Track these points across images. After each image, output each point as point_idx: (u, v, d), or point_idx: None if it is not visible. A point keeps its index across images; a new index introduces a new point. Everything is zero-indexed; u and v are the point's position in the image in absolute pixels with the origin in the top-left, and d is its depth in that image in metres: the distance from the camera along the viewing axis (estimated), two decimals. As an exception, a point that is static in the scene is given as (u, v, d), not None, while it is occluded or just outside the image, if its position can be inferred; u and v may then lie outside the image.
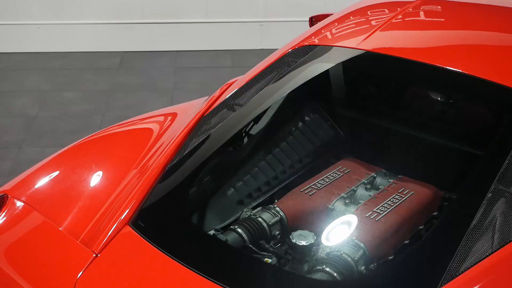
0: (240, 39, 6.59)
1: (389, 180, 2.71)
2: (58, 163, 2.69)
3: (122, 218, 2.29)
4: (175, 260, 2.09)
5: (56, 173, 2.64)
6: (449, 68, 2.61)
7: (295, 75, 2.94)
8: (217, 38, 6.58)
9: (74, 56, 6.48)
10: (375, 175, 2.75)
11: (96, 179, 2.59)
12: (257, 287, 2.03)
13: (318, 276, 2.12)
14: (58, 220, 2.37)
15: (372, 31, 2.95)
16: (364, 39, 2.93)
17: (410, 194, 2.58)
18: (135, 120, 3.01)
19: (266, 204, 2.60)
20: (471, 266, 1.97)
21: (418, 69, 2.72)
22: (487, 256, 2.00)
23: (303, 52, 2.97)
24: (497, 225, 2.09)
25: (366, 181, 2.69)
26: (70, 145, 2.80)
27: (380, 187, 2.68)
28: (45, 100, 5.62)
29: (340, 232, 2.43)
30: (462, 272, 1.96)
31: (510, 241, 2.04)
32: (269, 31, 6.59)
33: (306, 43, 3.01)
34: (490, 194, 2.13)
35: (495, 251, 2.02)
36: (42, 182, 2.60)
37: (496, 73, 2.59)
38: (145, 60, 6.39)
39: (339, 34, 3.09)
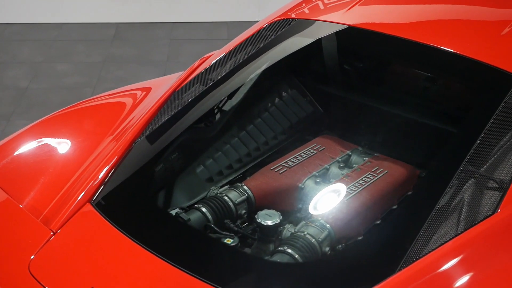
0: (237, 10, 6.49)
1: (364, 158, 2.64)
2: (26, 137, 2.64)
3: (82, 195, 2.23)
4: (132, 240, 2.04)
5: (24, 148, 2.59)
6: (430, 44, 2.54)
7: (273, 50, 2.87)
8: (214, 10, 6.48)
9: (69, 27, 6.40)
10: (350, 153, 2.68)
11: (63, 154, 2.54)
12: (212, 268, 1.97)
13: (278, 257, 2.06)
14: (20, 197, 2.31)
15: (352, 4, 2.87)
16: (344, 12, 2.85)
17: (384, 173, 2.51)
18: (108, 95, 2.96)
19: (237, 182, 2.54)
20: (433, 249, 1.91)
21: (399, 45, 2.65)
22: (450, 239, 1.94)
23: (281, 26, 2.89)
24: (463, 207, 2.03)
25: (340, 159, 2.63)
26: (40, 119, 2.75)
27: (354, 165, 2.61)
28: (37, 72, 5.57)
29: (307, 212, 2.38)
30: (424, 255, 1.90)
31: (474, 224, 1.97)
32: (267, 2, 6.47)
33: (284, 17, 2.93)
34: (458, 175, 2.06)
35: (460, 234, 1.95)
36: (9, 157, 2.55)
37: (477, 50, 2.51)
38: (140, 32, 6.31)
39: (320, 7, 3.00)
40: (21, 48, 6.00)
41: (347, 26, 2.76)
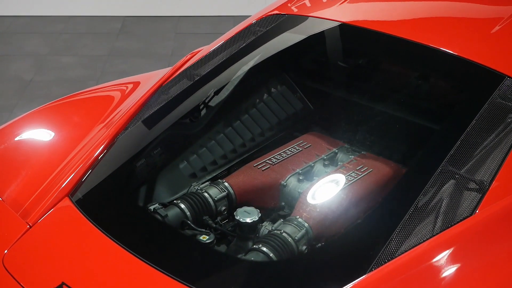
0: (243, 4, 6.46)
1: (351, 156, 2.61)
2: (12, 130, 2.65)
3: (61, 189, 2.23)
4: (107, 236, 2.04)
5: (9, 140, 2.60)
6: (420, 42, 2.51)
7: (262, 45, 2.85)
8: (220, 4, 6.46)
9: (76, 21, 6.42)
10: (336, 150, 2.65)
11: (48, 147, 2.55)
12: (183, 265, 1.96)
13: (252, 255, 2.04)
14: (3, 189, 2.32)
15: (342, 0, 2.84)
16: (334, 9, 2.83)
17: (369, 171, 2.48)
18: (96, 89, 2.96)
19: (220, 179, 2.52)
20: (407, 251, 1.89)
21: (389, 42, 2.62)
22: (425, 240, 1.91)
23: (271, 22, 2.87)
24: (441, 208, 2.00)
25: (325, 157, 2.60)
26: (27, 112, 2.75)
27: (339, 163, 2.58)
28: (42, 64, 5.59)
29: (286, 210, 2.36)
30: (397, 256, 1.87)
31: (451, 225, 1.94)
32: (273, -3, 6.44)
33: (274, 12, 2.91)
34: (437, 175, 2.04)
35: (435, 235, 1.93)
36: (-6, 150, 2.55)
37: (466, 48, 2.47)
38: (146, 26, 6.31)
39: (310, 2, 2.98)
40: (27, 41, 6.02)
41: (337, 22, 2.74)
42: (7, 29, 6.25)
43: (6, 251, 2.04)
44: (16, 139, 2.60)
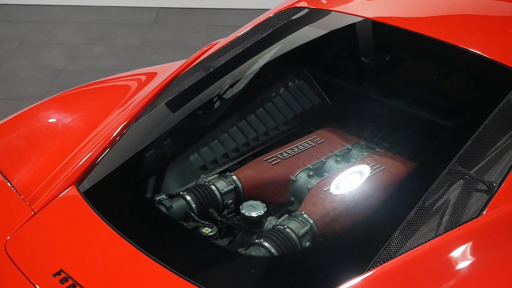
0: (278, -2, 6.42)
1: (364, 153, 2.56)
2: (27, 118, 2.66)
3: (68, 177, 2.24)
4: (109, 225, 2.03)
5: (24, 127, 2.62)
6: (440, 39, 2.44)
7: (280, 39, 2.82)
8: (255, -4, 6.45)
9: (111, 11, 6.47)
10: (350, 147, 2.61)
11: (61, 135, 2.55)
12: (183, 257, 1.95)
13: (253, 250, 2.02)
14: (13, 176, 2.33)
15: (363, -6, 2.79)
16: (355, 3, 2.79)
17: (381, 169, 2.43)
18: (113, 78, 2.96)
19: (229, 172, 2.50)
20: (408, 250, 1.84)
21: (411, 39, 2.57)
22: (429, 241, 1.87)
23: (290, 15, 2.84)
24: (447, 208, 1.95)
25: (338, 153, 2.56)
26: (42, 101, 2.77)
27: (352, 160, 2.54)
28: (75, 53, 5.64)
29: (296, 205, 2.33)
30: (398, 255, 1.83)
31: (456, 226, 1.89)
32: (308, -9, 6.38)
33: (293, 6, 2.87)
34: (445, 174, 1.99)
35: (439, 235, 1.88)
36: (9, 136, 2.57)
37: (487, 46, 2.40)
38: (179, 17, 6.33)
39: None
40: (62, 30, 6.09)
41: (357, 17, 2.69)
42: (43, 18, 6.33)
43: (8, 237, 2.05)
44: (31, 126, 2.61)
